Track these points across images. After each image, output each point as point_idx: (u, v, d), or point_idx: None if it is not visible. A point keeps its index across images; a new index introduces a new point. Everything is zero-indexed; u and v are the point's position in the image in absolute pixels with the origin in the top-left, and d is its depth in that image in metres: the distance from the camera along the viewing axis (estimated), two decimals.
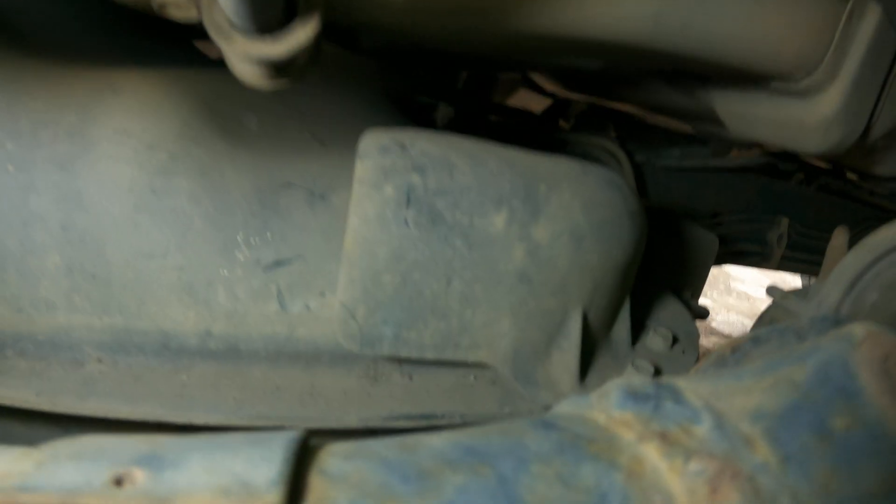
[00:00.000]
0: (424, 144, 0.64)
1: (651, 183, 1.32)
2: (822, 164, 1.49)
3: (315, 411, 0.66)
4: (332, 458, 0.34)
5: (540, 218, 0.64)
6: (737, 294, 3.78)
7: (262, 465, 0.31)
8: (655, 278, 0.98)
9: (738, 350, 0.59)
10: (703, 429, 0.36)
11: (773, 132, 0.97)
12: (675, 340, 0.87)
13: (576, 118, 1.41)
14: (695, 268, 1.14)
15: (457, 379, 0.70)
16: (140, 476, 0.31)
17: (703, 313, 1.09)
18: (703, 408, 0.37)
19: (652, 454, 0.35)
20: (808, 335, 0.57)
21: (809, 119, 0.88)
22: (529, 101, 1.41)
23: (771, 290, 0.92)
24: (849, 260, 0.84)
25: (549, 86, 1.37)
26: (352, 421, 0.66)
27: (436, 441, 0.36)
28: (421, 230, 0.60)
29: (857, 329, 0.43)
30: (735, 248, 1.46)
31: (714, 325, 3.15)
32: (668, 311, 0.92)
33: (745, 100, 0.97)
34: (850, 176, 1.53)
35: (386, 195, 0.61)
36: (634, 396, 0.39)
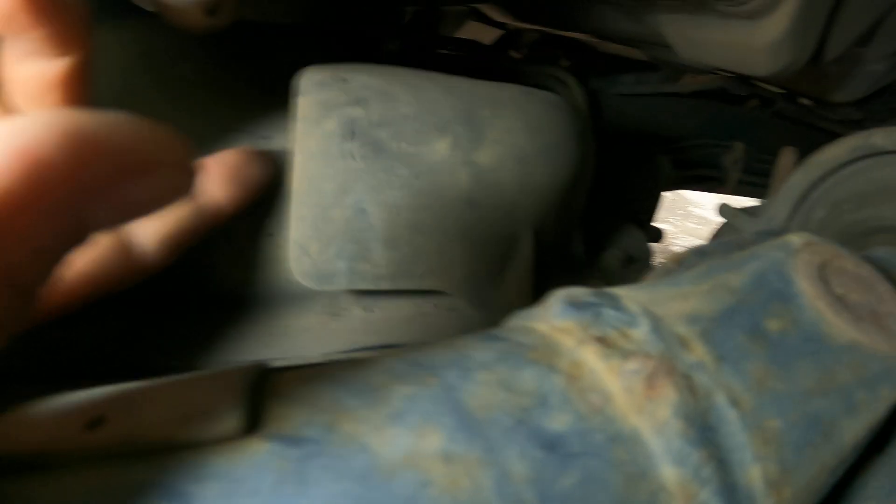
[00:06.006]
0: (364, 77, 0.64)
1: (607, 109, 1.32)
2: (776, 90, 1.49)
3: (277, 350, 0.67)
4: (290, 383, 0.35)
5: (484, 142, 0.64)
6: (696, 219, 3.83)
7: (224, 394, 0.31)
8: (609, 203, 1.00)
9: (683, 263, 0.61)
10: (641, 332, 0.36)
11: (722, 55, 0.96)
12: (630, 260, 0.89)
13: (528, 48, 1.40)
14: (648, 191, 1.15)
15: (416, 308, 0.71)
16: None
17: (657, 235, 1.11)
18: (640, 312, 0.38)
19: (590, 357, 0.35)
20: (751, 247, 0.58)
21: (757, 42, 0.87)
22: (479, 34, 1.39)
23: (723, 210, 0.93)
24: (796, 177, 0.84)
25: (498, 16, 1.35)
26: (313, 357, 0.67)
27: (386, 358, 0.37)
28: (366, 162, 0.61)
29: (795, 238, 0.45)
30: (692, 173, 1.47)
31: (676, 249, 3.22)
32: (623, 233, 0.94)
33: (693, 23, 0.96)
34: (804, 101, 1.54)
35: (328, 130, 0.60)
36: (575, 305, 0.39)
